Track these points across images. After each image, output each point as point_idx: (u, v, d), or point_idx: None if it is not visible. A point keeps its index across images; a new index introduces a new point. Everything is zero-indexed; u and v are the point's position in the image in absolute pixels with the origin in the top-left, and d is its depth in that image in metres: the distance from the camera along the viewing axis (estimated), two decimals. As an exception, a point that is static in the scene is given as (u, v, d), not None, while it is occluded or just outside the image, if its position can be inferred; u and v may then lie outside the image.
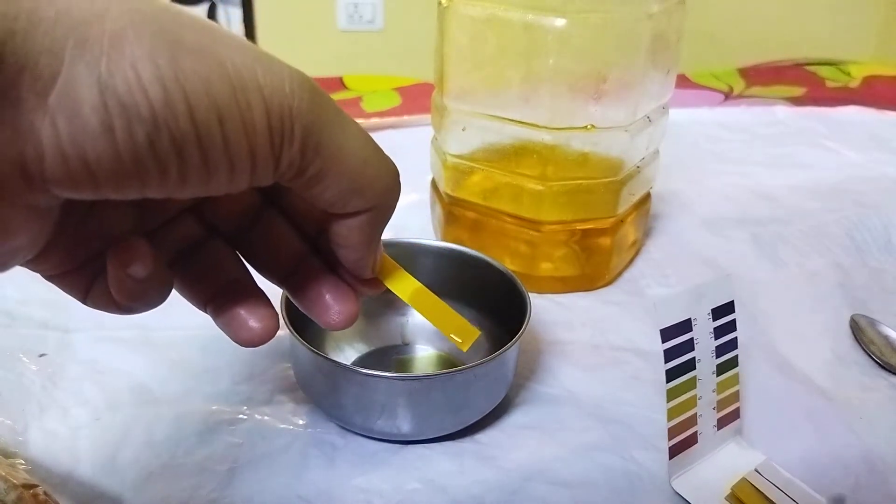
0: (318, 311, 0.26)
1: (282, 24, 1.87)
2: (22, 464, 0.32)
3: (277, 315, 0.25)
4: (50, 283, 0.23)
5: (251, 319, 0.24)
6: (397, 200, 0.23)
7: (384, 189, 0.22)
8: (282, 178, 0.20)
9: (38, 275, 0.22)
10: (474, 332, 0.28)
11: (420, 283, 0.27)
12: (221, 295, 0.25)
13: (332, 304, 0.25)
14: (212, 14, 1.86)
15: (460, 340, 0.27)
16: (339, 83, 0.91)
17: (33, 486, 0.29)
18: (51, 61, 0.16)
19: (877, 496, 0.34)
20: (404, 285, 0.27)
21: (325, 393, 0.35)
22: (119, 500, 0.31)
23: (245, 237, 0.26)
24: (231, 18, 1.87)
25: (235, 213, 0.25)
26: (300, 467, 0.33)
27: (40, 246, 0.20)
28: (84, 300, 0.23)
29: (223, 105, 0.18)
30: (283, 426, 0.36)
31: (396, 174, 0.23)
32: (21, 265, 0.21)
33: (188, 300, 0.25)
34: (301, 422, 0.36)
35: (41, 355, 0.39)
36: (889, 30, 1.93)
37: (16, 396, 0.37)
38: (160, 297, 0.23)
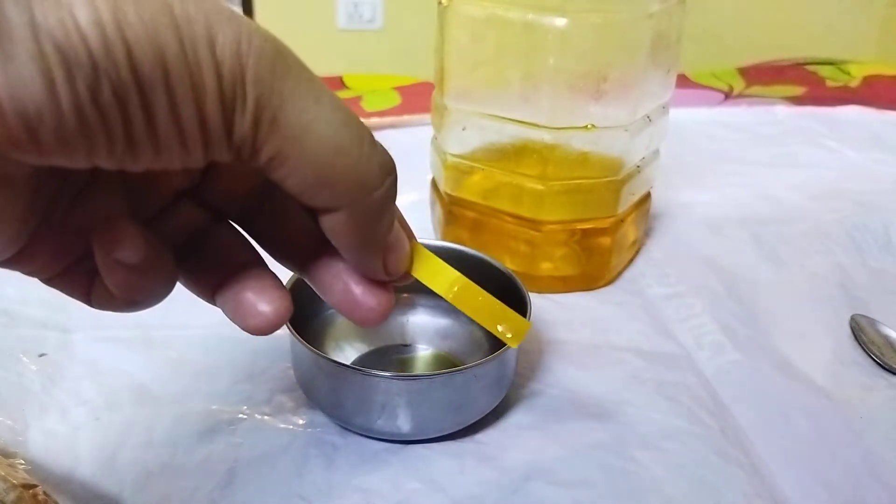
0: (347, 306, 0.23)
1: (281, 23, 1.87)
2: (21, 464, 0.32)
3: (289, 297, 0.22)
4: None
5: (260, 303, 0.22)
6: (383, 199, 0.20)
7: (359, 185, 0.19)
8: (239, 155, 0.18)
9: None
10: (525, 325, 0.25)
11: (458, 274, 0.24)
12: (228, 282, 0.22)
13: (363, 299, 0.23)
14: (212, 13, 1.86)
15: (510, 336, 0.24)
16: (338, 82, 0.91)
17: (33, 486, 0.29)
18: None
19: (877, 496, 0.34)
20: (439, 278, 0.24)
21: (325, 392, 0.35)
22: (119, 500, 0.31)
23: (254, 220, 0.24)
24: (231, 17, 1.87)
25: (238, 192, 0.23)
26: (300, 467, 0.33)
27: (16, 236, 0.19)
28: (88, 301, 0.22)
29: (169, 59, 0.16)
30: (283, 426, 0.36)
31: (384, 167, 0.20)
32: (15, 269, 0.20)
33: (196, 293, 0.23)
34: (301, 421, 0.36)
35: (41, 355, 0.39)
36: (889, 29, 1.93)
37: (15, 396, 0.37)
38: (163, 288, 0.21)
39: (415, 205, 0.55)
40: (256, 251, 0.24)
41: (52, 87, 0.15)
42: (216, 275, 0.23)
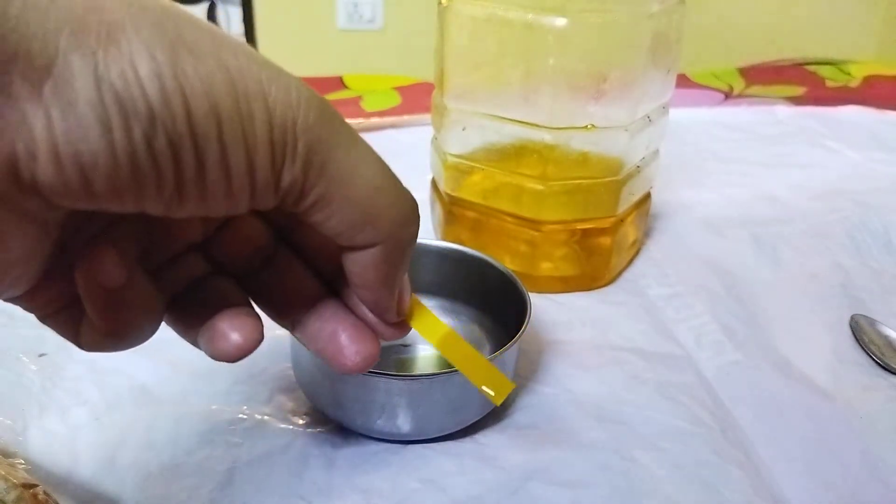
0: (332, 352, 0.23)
1: (281, 24, 1.87)
2: (21, 463, 0.32)
3: (261, 326, 0.23)
4: None
5: (233, 333, 0.22)
6: (414, 235, 0.21)
7: (398, 220, 0.20)
8: (285, 200, 0.19)
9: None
10: (508, 385, 0.25)
11: (450, 328, 0.25)
12: (209, 320, 0.23)
13: (349, 345, 0.23)
14: (211, 13, 1.86)
15: (493, 394, 0.25)
16: (338, 82, 0.91)
17: (33, 486, 0.29)
18: (44, 49, 0.15)
19: (877, 496, 0.34)
20: (432, 329, 0.25)
21: (324, 393, 0.35)
22: (118, 500, 0.31)
23: (255, 278, 0.24)
24: (231, 17, 1.87)
25: (245, 251, 0.24)
26: (300, 467, 0.33)
27: (34, 275, 0.19)
28: (77, 341, 0.22)
29: (223, 110, 0.17)
30: (282, 426, 0.36)
31: (413, 206, 0.21)
32: (18, 303, 0.21)
33: (180, 335, 0.24)
34: (301, 422, 0.36)
35: (41, 355, 0.39)
36: (889, 29, 1.93)
37: (15, 396, 0.37)
38: (148, 323, 0.21)
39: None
40: (244, 295, 0.24)
41: (108, 135, 0.15)
42: (203, 318, 0.23)
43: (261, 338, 0.22)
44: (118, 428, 0.35)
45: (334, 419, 0.36)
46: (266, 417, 0.36)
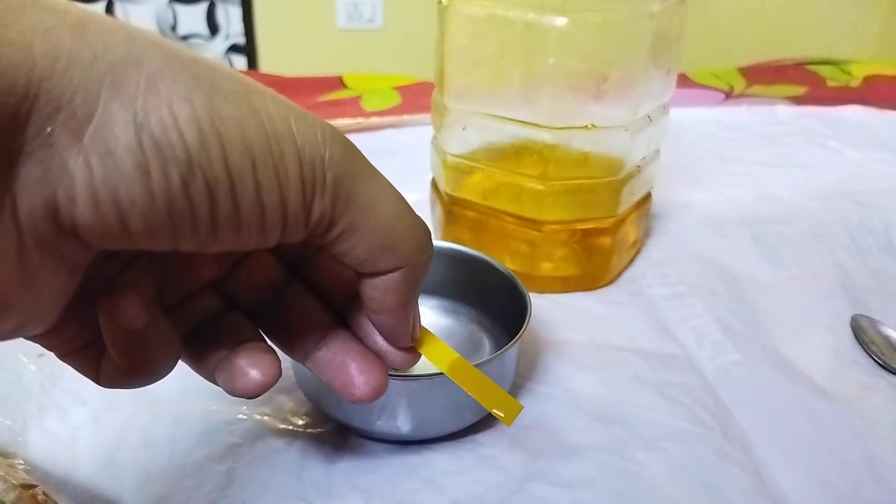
0: (342, 382, 0.24)
1: (281, 23, 1.87)
2: (21, 464, 0.32)
3: (279, 362, 0.23)
4: None
5: (252, 370, 0.23)
6: (429, 260, 0.23)
7: (417, 246, 0.22)
8: (313, 232, 0.20)
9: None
10: (518, 407, 0.26)
11: (458, 354, 0.26)
12: (226, 358, 0.23)
13: (358, 375, 0.24)
14: (211, 13, 1.86)
15: (503, 415, 0.26)
16: (338, 82, 0.91)
17: (32, 487, 0.29)
18: (86, 100, 0.16)
19: (877, 496, 0.33)
20: (441, 355, 0.25)
21: (324, 393, 0.35)
22: (118, 500, 0.31)
23: (266, 311, 0.25)
24: (230, 17, 1.87)
25: (258, 286, 0.25)
26: (300, 467, 0.33)
27: (57, 315, 0.19)
28: (97, 379, 0.23)
29: (257, 151, 0.18)
30: (282, 426, 0.36)
31: (428, 232, 0.22)
32: (38, 341, 0.21)
33: (196, 371, 0.24)
34: (301, 422, 0.36)
35: (40, 355, 0.39)
36: (890, 29, 1.93)
37: (15, 396, 0.37)
38: (167, 359, 0.22)
39: (415, 205, 0.54)
40: (256, 330, 0.25)
41: (146, 179, 0.16)
42: (217, 354, 0.24)
43: (279, 373, 0.23)
44: (117, 428, 0.35)
45: (334, 419, 0.36)
46: (266, 417, 0.36)
